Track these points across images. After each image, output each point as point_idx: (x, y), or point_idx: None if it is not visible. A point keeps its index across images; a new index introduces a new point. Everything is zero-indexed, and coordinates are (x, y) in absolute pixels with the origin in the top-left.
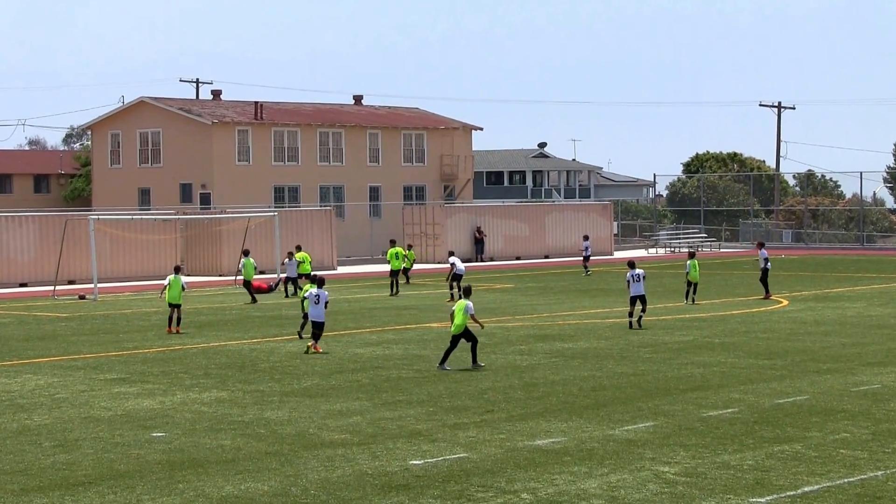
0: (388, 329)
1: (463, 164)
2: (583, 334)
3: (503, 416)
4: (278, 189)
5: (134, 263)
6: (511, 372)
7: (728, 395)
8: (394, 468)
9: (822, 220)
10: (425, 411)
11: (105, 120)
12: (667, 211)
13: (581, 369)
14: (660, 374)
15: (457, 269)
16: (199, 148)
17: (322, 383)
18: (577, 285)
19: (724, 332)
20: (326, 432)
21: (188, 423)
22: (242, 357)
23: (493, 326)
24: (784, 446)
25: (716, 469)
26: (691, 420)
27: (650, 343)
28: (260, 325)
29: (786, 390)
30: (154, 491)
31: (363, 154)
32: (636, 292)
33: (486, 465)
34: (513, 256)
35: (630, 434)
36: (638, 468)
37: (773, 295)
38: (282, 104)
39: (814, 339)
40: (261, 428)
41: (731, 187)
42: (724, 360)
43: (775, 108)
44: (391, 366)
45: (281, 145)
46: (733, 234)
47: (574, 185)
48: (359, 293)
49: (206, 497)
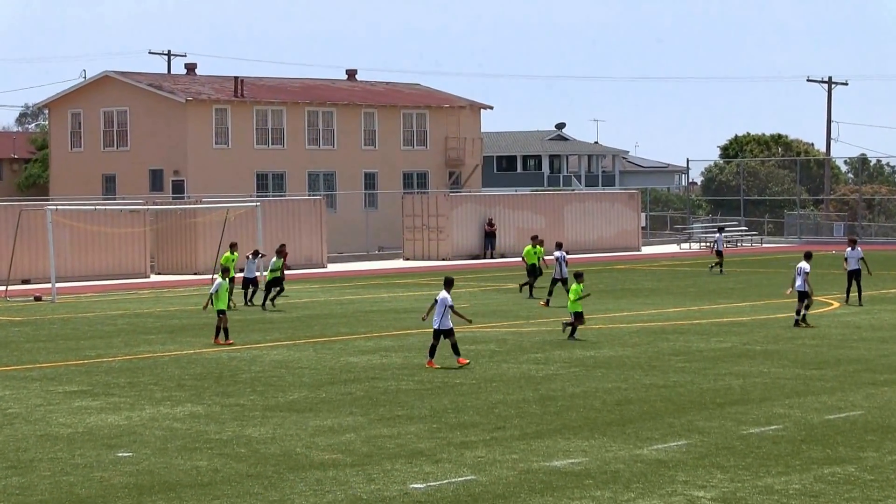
0: (385, 335)
1: (470, 147)
2: (607, 341)
3: (516, 433)
4: (261, 176)
5: (97, 260)
6: (525, 383)
7: (771, 409)
8: (392, 492)
9: (879, 212)
10: (428, 428)
11: (64, 97)
12: (701, 201)
13: (604, 380)
14: (694, 385)
15: (562, 270)
16: (171, 129)
17: (311, 396)
18: (599, 285)
19: (766, 338)
20: (315, 452)
21: (158, 442)
22: (220, 366)
23: (504, 332)
24: (835, 468)
25: (758, 494)
26: (730, 438)
27: (683, 351)
28: (240, 329)
29: (837, 404)
30: None
31: (357, 136)
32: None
33: (496, 490)
34: None
35: (660, 454)
36: (669, 493)
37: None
38: (265, 79)
39: (869, 347)
40: (241, 447)
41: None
42: (767, 370)
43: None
44: (389, 376)
45: (264, 126)
46: (777, 227)
47: (596, 171)
48: (352, 294)
49: None
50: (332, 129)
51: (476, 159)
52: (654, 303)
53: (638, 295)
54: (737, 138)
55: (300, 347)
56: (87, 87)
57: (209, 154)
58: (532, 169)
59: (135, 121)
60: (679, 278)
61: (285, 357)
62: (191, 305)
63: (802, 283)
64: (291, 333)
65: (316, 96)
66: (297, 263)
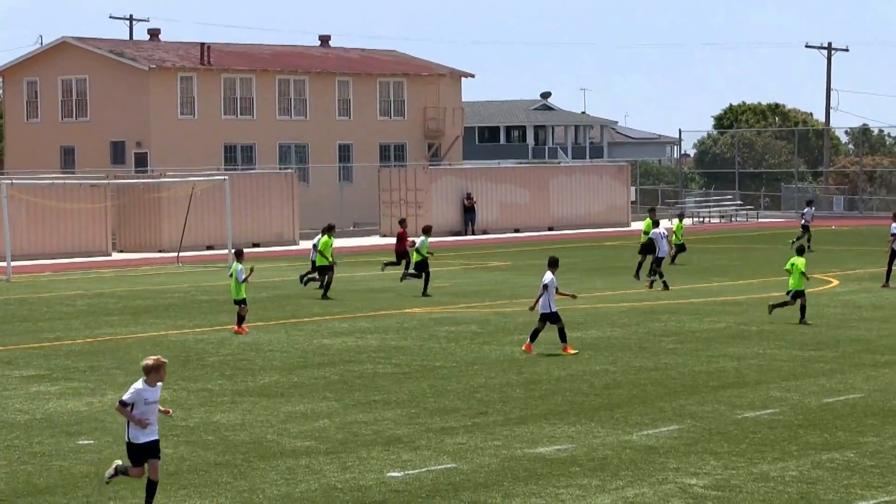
0: (361, 316)
1: (451, 117)
2: (594, 321)
3: (499, 418)
4: (229, 148)
5: (55, 238)
6: (508, 366)
7: (767, 392)
8: (368, 481)
9: (881, 184)
10: (406, 413)
11: (19, 64)
12: (694, 174)
13: (592, 363)
14: (686, 368)
15: (661, 250)
16: (133, 99)
17: (282, 380)
18: (587, 263)
19: (761, 318)
20: (287, 439)
21: (121, 429)
22: (187, 349)
23: (487, 312)
24: (834, 454)
25: (753, 481)
26: (723, 423)
27: (674, 331)
28: (208, 310)
29: (836, 387)
30: None
31: (331, 106)
32: None
33: (477, 478)
34: (510, 228)
35: (650, 440)
36: (660, 480)
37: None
38: (233, 46)
39: (870, 327)
40: (209, 434)
41: (771, 145)
42: (763, 351)
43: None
44: (365, 359)
45: (232, 95)
46: (774, 200)
47: (584, 142)
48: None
49: None
50: (305, 99)
51: (456, 130)
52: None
53: (628, 273)
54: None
55: (271, 329)
56: (44, 53)
57: (174, 125)
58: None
59: (94, 90)
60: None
61: (255, 339)
62: (154, 285)
63: None
64: (262, 315)
65: (287, 64)
66: (267, 241)
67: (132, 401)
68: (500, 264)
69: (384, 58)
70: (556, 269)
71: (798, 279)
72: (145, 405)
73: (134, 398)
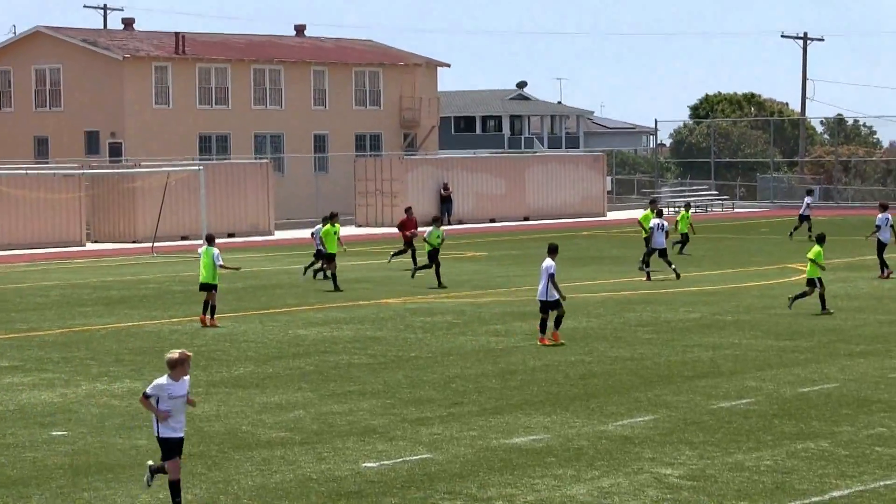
0: (336, 306)
1: (426, 107)
2: (570, 311)
3: (474, 409)
4: (204, 138)
5: (29, 228)
6: (484, 356)
7: (742, 382)
8: (343, 472)
9: (855, 174)
10: (381, 404)
11: None
12: (670, 163)
13: (567, 353)
14: (661, 358)
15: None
16: (107, 88)
17: (257, 371)
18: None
19: (737, 308)
20: (262, 430)
21: (95, 420)
22: (161, 340)
23: (463, 302)
24: (808, 443)
25: (728, 471)
26: (699, 413)
27: (650, 321)
28: (183, 301)
29: (811, 377)
30: (54, 501)
31: (306, 96)
32: None
33: (453, 468)
34: (486, 218)
35: (626, 430)
36: (635, 471)
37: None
38: (208, 35)
39: (845, 316)
40: None
41: (747, 135)
42: (738, 341)
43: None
44: (340, 350)
45: (207, 85)
46: (749, 190)
47: (560, 132)
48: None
49: None
50: (280, 89)
51: (432, 120)
52: (621, 271)
53: (603, 263)
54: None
55: (246, 320)
56: (17, 43)
57: (148, 115)
58: (492, 130)
59: (69, 79)
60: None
61: (230, 330)
62: (129, 275)
63: None
64: (236, 305)
65: (262, 53)
66: (242, 231)
67: (154, 395)
68: (475, 254)
69: (360, 47)
70: (556, 256)
71: (814, 268)
72: (169, 400)
73: (156, 392)
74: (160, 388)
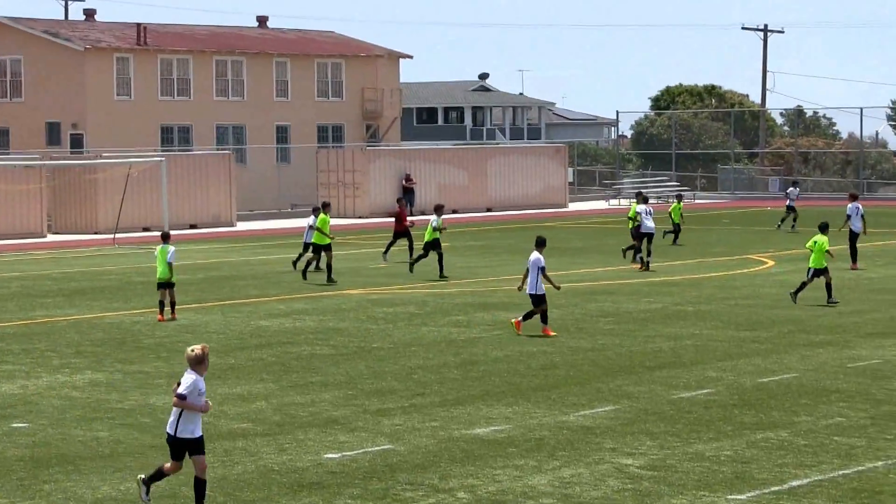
0: (298, 297)
1: (389, 99)
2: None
3: (436, 399)
4: (166, 129)
5: None
6: (446, 347)
7: (703, 373)
8: (305, 463)
9: (815, 166)
10: (343, 395)
11: None
12: (631, 155)
13: (529, 344)
14: (622, 348)
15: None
16: (68, 79)
17: (219, 362)
18: (524, 244)
19: (698, 298)
20: (224, 421)
21: (56, 412)
22: (123, 331)
23: (425, 293)
24: (768, 433)
25: (688, 461)
26: (659, 403)
27: (611, 312)
28: (144, 292)
29: (771, 367)
30: (15, 493)
31: (269, 87)
32: None
33: (415, 459)
34: (448, 209)
35: (587, 420)
36: (596, 461)
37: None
38: (170, 27)
39: (804, 307)
40: (144, 416)
41: (707, 126)
42: (699, 331)
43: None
44: (302, 341)
45: (169, 76)
46: (710, 181)
47: (521, 124)
48: (264, 254)
49: (79, 499)
50: (242, 80)
51: (395, 111)
52: (582, 262)
53: (565, 254)
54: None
55: (208, 311)
56: None
57: (110, 106)
58: (454, 122)
59: (29, 70)
60: (608, 236)
61: (192, 321)
62: (90, 267)
63: None
64: (198, 296)
65: (224, 45)
66: (204, 222)
67: (188, 392)
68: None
69: (322, 39)
70: (544, 249)
71: (819, 257)
72: (198, 396)
73: (191, 389)
74: (194, 384)
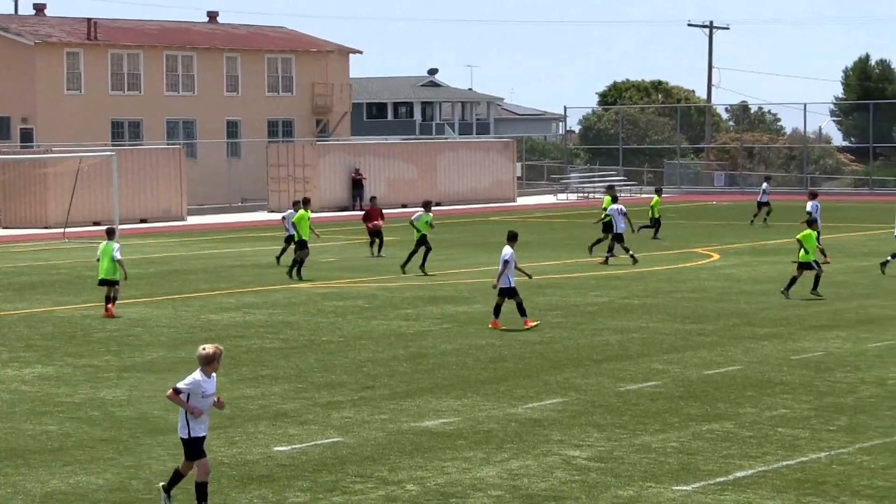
0: (248, 290)
1: (339, 94)
2: (480, 296)
3: (385, 392)
4: (117, 124)
5: None
6: (395, 340)
7: (649, 365)
8: (255, 456)
9: (759, 160)
10: (293, 388)
11: None
12: (579, 150)
13: (477, 337)
14: (570, 341)
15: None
16: (18, 74)
17: (169, 356)
18: (473, 238)
19: (644, 291)
20: (174, 414)
21: (5, 406)
22: (73, 325)
23: (374, 287)
24: (713, 425)
25: (634, 453)
26: (606, 396)
27: (559, 305)
28: (94, 286)
29: (716, 360)
30: None
31: (219, 82)
32: None
33: (364, 451)
34: (398, 203)
35: (535, 413)
36: (544, 452)
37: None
38: (120, 21)
39: (749, 300)
40: (94, 410)
41: (654, 122)
42: (645, 324)
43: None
44: (252, 334)
45: (119, 71)
46: (657, 176)
47: (470, 119)
48: (214, 248)
49: (27, 494)
50: (193, 75)
51: (345, 106)
52: (530, 256)
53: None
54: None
55: (158, 305)
56: None
57: (60, 100)
58: (403, 116)
59: None
60: (556, 230)
61: (142, 315)
62: (40, 261)
63: None
64: (148, 290)
65: (175, 40)
66: (154, 216)
67: (188, 391)
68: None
69: (272, 34)
70: (515, 244)
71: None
72: (202, 398)
73: (191, 388)
74: (197, 384)
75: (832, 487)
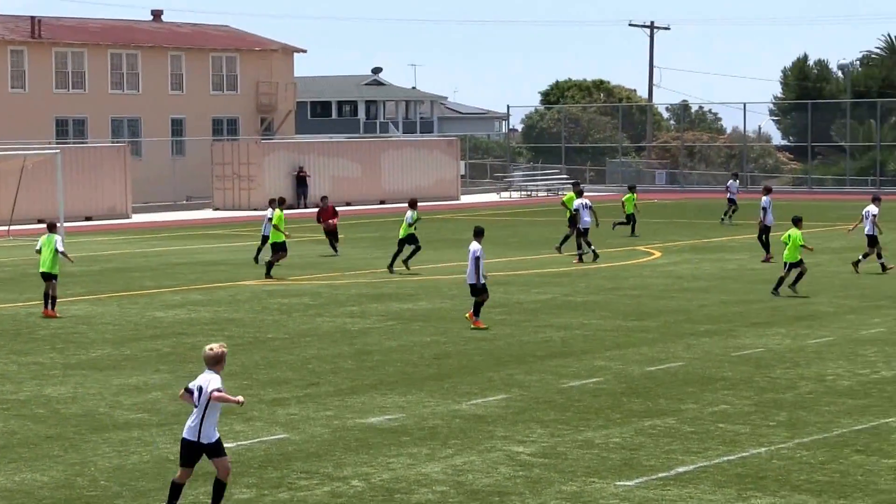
0: (193, 288)
1: (283, 92)
2: (424, 293)
3: (330, 389)
4: (61, 122)
5: None
6: (340, 338)
7: (592, 362)
8: None
9: (700, 159)
10: (238, 385)
11: None
12: (522, 148)
13: (422, 334)
14: (513, 338)
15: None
16: None
17: (114, 353)
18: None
19: (587, 289)
20: (119, 411)
21: None
22: (17, 322)
23: (319, 284)
24: (655, 421)
25: (577, 448)
26: (549, 392)
27: (503, 303)
28: (39, 283)
29: (658, 356)
30: None
31: (163, 80)
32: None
33: (309, 448)
34: (342, 201)
35: (479, 409)
36: (488, 448)
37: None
38: (64, 20)
39: (690, 297)
40: (39, 407)
41: (596, 121)
42: (588, 321)
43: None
44: (197, 332)
45: (64, 69)
46: (599, 174)
47: (414, 117)
48: (159, 246)
49: None
50: (137, 73)
51: (289, 105)
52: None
53: (457, 246)
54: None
55: (103, 302)
56: None
57: (4, 99)
58: (347, 115)
59: None
60: (500, 228)
61: (87, 312)
62: None
63: (871, 227)
64: (93, 287)
65: (119, 38)
66: (99, 214)
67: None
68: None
69: (216, 33)
70: (482, 239)
71: (794, 251)
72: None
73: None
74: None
75: (772, 482)
